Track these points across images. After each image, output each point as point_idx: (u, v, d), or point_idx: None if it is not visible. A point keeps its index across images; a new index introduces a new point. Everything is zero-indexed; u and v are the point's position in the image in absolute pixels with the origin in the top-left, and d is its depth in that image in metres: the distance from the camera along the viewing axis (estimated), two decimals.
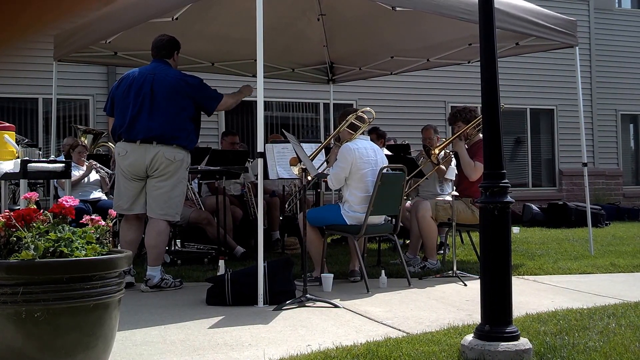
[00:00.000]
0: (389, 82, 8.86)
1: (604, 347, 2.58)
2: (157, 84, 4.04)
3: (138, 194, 4.11)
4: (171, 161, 4.01)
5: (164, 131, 3.99)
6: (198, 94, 4.11)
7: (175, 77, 4.11)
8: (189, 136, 4.12)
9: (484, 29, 2.64)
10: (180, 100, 4.04)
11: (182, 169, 4.10)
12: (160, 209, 4.04)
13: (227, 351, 2.66)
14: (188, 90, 4.07)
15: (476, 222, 4.58)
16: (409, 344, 2.67)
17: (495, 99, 2.61)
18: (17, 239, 2.15)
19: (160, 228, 4.06)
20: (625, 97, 11.68)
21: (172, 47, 4.24)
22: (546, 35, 5.42)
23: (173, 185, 4.05)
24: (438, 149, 4.89)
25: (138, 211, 4.14)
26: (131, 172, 4.07)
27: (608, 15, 11.73)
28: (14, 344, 2.04)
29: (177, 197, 4.09)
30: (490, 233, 2.57)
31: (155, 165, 4.00)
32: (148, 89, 4.04)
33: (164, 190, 4.03)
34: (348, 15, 5.84)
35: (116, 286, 2.22)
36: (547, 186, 11.19)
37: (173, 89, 4.03)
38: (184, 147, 4.08)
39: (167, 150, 4.00)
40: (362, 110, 4.27)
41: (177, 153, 4.04)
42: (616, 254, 5.71)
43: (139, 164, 4.02)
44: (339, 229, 4.34)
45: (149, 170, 4.03)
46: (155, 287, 4.04)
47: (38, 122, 8.18)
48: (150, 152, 3.99)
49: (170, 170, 4.02)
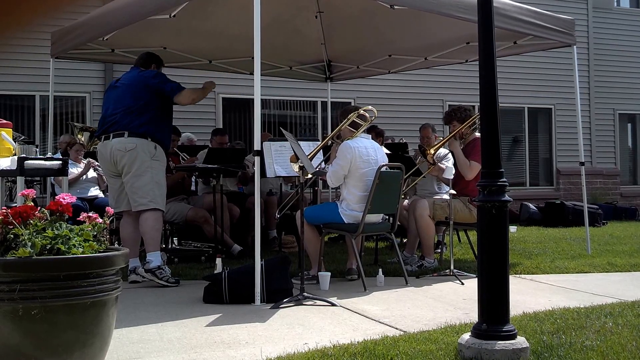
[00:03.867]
0: (387, 81, 8.87)
1: (600, 346, 2.59)
2: (119, 85, 4.26)
3: (119, 191, 4.21)
4: (123, 152, 4.05)
5: (118, 121, 4.09)
6: (152, 80, 4.20)
7: (133, 74, 4.28)
8: (145, 123, 4.10)
9: (482, 27, 2.64)
10: (136, 92, 4.15)
11: (140, 158, 4.05)
12: (133, 201, 4.11)
13: (224, 349, 2.65)
14: (143, 80, 4.19)
15: (473, 221, 4.59)
16: (406, 342, 2.67)
17: (493, 97, 2.61)
18: (14, 236, 2.14)
19: (145, 215, 4.09)
20: (623, 97, 11.70)
21: (150, 60, 4.44)
22: (544, 35, 5.42)
23: (135, 176, 4.07)
24: (433, 149, 4.89)
25: (123, 208, 4.20)
26: (105, 168, 4.27)
27: (607, 15, 11.75)
28: (10, 341, 2.03)
29: (144, 187, 4.07)
30: (488, 232, 2.56)
31: (115, 159, 4.09)
32: (114, 87, 4.29)
33: (130, 184, 4.10)
34: (346, 12, 5.83)
35: (113, 284, 2.21)
36: (545, 185, 11.22)
37: (131, 83, 4.20)
38: (137, 134, 4.07)
39: (119, 141, 4.07)
40: (364, 108, 4.25)
41: (129, 143, 4.06)
42: (613, 254, 5.72)
43: (106, 160, 4.17)
44: (337, 227, 4.34)
45: (117, 165, 4.12)
46: (149, 271, 4.05)
47: (35, 119, 8.15)
48: (109, 147, 4.11)
49: (125, 162, 4.06)
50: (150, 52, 4.56)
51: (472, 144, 4.88)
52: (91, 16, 5.24)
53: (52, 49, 5.72)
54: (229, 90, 8.55)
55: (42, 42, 5.75)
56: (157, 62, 4.46)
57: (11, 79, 7.93)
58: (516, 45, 5.84)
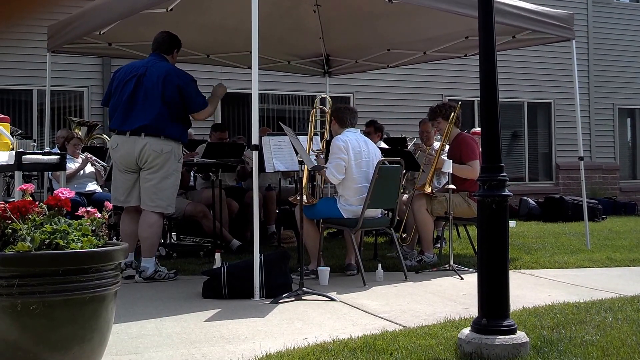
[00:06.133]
0: (386, 75, 8.84)
1: (600, 340, 2.58)
2: (148, 76, 4.06)
3: (132, 186, 4.12)
4: (159, 153, 4.00)
5: (151, 123, 3.99)
6: (186, 91, 4.08)
7: (167, 69, 4.10)
8: (179, 128, 4.10)
9: (482, 21, 2.62)
10: (169, 93, 4.03)
11: (172, 161, 4.07)
12: (151, 200, 4.04)
13: (223, 344, 2.65)
14: (177, 83, 4.06)
15: (472, 216, 4.58)
16: (406, 337, 2.67)
17: (493, 91, 2.59)
18: (12, 231, 2.12)
19: (152, 220, 4.05)
20: (622, 91, 11.69)
21: (172, 44, 4.27)
22: (542, 29, 5.41)
23: (162, 177, 4.04)
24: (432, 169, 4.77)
25: (134, 203, 4.14)
26: (123, 164, 4.10)
27: (606, 9, 11.71)
28: (9, 336, 2.02)
29: (167, 189, 4.07)
30: (487, 226, 2.56)
31: (144, 157, 4.01)
32: (139, 81, 4.06)
33: (154, 183, 4.03)
34: (344, 6, 5.80)
35: (112, 279, 2.20)
36: (544, 180, 11.21)
37: (163, 80, 4.03)
38: (173, 138, 4.06)
39: (155, 142, 4.00)
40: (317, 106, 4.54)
41: (165, 145, 4.02)
42: (613, 248, 5.73)
43: (129, 156, 4.04)
44: (336, 222, 4.33)
45: (139, 162, 4.04)
46: (148, 278, 4.04)
47: (32, 113, 8.10)
48: (138, 144, 4.00)
49: (158, 162, 4.02)
50: (171, 35, 4.26)
51: (458, 142, 4.78)
52: (87, 9, 5.18)
53: (49, 42, 5.69)
54: (227, 85, 8.44)
55: (39, 35, 5.72)
56: (178, 47, 4.30)
57: (8, 73, 7.88)
58: (515, 40, 5.82)
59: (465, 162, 4.71)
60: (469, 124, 9.08)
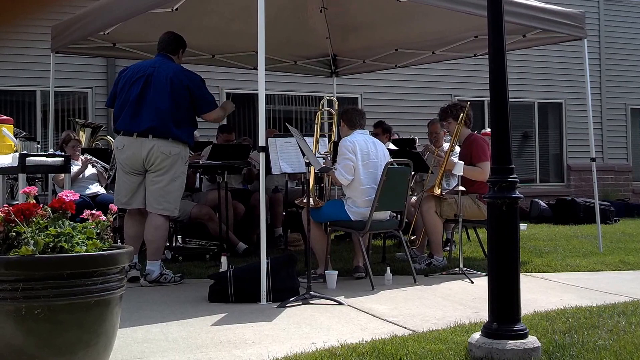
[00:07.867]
0: (394, 75, 8.78)
1: (613, 345, 2.54)
2: (156, 77, 4.02)
3: (136, 188, 4.08)
4: (167, 155, 3.97)
5: (159, 124, 3.96)
6: (196, 91, 4.07)
7: (175, 70, 4.07)
8: (187, 130, 4.07)
9: (492, 20, 2.58)
10: (177, 94, 4.00)
11: (179, 164, 4.04)
12: (158, 203, 4.01)
13: (230, 349, 2.62)
14: (187, 84, 4.03)
15: (482, 218, 4.52)
16: (415, 342, 2.63)
17: (503, 92, 2.55)
18: (16, 234, 2.11)
19: (158, 223, 4.03)
20: (635, 91, 11.54)
21: (178, 44, 4.25)
22: (553, 28, 5.35)
23: (170, 179, 4.01)
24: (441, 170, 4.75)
25: (137, 205, 4.10)
26: (129, 165, 4.06)
27: (618, 7, 11.58)
28: (13, 341, 2.01)
29: (174, 192, 4.05)
30: (498, 229, 2.52)
31: (152, 159, 3.98)
32: (147, 82, 4.02)
33: (161, 185, 4.00)
34: (351, 6, 5.77)
35: (117, 282, 2.18)
36: (555, 182, 11.09)
37: (171, 82, 4.00)
38: (180, 140, 4.03)
39: (163, 144, 3.97)
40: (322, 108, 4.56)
41: (173, 147, 4.00)
42: (626, 251, 5.65)
43: (136, 157, 4.00)
44: (343, 225, 4.29)
45: (146, 164, 4.01)
46: (154, 281, 4.02)
47: (36, 115, 8.05)
48: (146, 146, 3.96)
49: (166, 164, 3.99)
50: (176, 36, 4.24)
51: (469, 143, 4.76)
52: (91, 9, 5.17)
53: (53, 43, 5.68)
54: (233, 85, 8.49)
55: (43, 36, 5.70)
56: (183, 47, 4.29)
57: (12, 74, 7.81)
58: (525, 39, 5.76)
59: (475, 163, 4.67)
60: (479, 125, 9.00)
